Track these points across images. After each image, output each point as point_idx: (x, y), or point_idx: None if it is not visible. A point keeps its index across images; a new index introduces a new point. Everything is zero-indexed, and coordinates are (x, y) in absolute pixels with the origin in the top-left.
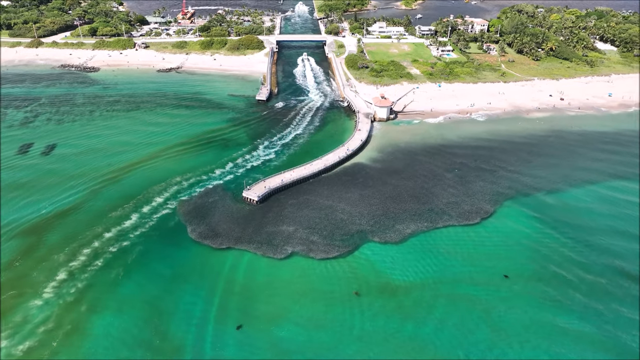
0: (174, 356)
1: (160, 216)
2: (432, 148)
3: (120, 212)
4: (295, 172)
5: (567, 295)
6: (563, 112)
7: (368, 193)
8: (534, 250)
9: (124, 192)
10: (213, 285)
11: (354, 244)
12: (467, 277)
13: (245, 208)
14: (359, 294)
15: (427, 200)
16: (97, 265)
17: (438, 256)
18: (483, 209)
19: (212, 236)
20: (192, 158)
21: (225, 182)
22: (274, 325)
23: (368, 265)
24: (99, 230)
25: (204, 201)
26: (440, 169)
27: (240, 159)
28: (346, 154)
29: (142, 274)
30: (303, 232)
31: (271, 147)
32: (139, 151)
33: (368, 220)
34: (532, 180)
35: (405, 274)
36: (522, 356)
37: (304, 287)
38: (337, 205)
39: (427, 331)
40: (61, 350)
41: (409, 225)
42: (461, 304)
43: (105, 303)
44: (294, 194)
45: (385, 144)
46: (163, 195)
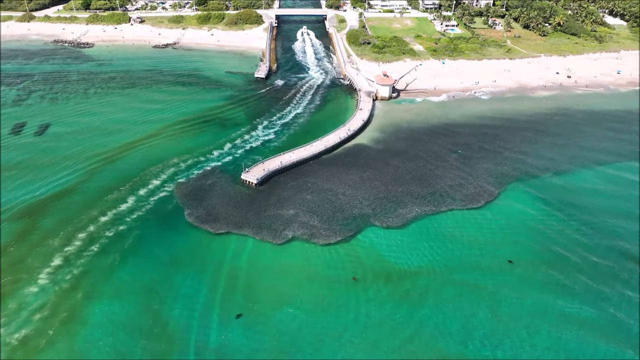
0: (171, 345)
1: (158, 199)
2: (435, 128)
3: (117, 195)
4: (295, 153)
5: (572, 279)
6: (570, 91)
7: (369, 175)
8: (539, 234)
9: (120, 174)
10: (212, 271)
11: (355, 229)
12: (470, 262)
13: (244, 191)
14: (357, 280)
15: (430, 182)
16: (93, 251)
17: (441, 241)
18: (487, 191)
19: (211, 220)
20: (189, 138)
21: (224, 163)
22: (274, 314)
23: (370, 251)
24: (95, 214)
25: (202, 183)
26: (444, 149)
27: (239, 140)
28: (347, 135)
29: (139, 260)
30: (303, 216)
31: (270, 127)
32: (135, 131)
33: (369, 203)
34: (538, 161)
35: (408, 260)
36: (525, 343)
37: (304, 273)
38: (337, 188)
39: (429, 319)
40: (58, 339)
41: (412, 209)
42: (464, 290)
43: (101, 289)
44: (293, 176)
45: (387, 124)
46: (160, 177)
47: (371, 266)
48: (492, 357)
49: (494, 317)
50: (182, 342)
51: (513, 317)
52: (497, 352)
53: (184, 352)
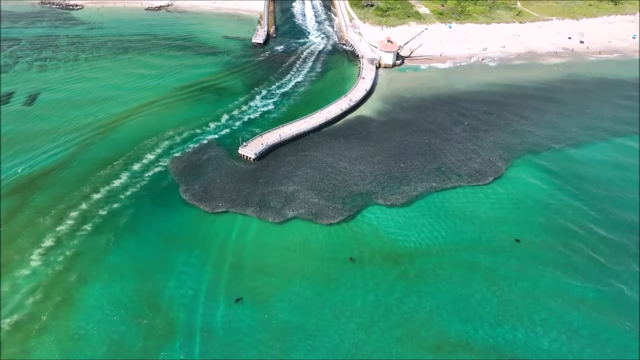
0: (169, 329)
1: (152, 175)
2: (441, 98)
3: (109, 170)
4: (294, 126)
5: (579, 257)
6: (582, 57)
7: (372, 150)
8: (547, 209)
9: (113, 147)
10: (209, 252)
11: (357, 207)
12: (476, 242)
13: (242, 166)
14: (354, 260)
15: (434, 157)
16: (86, 230)
17: (446, 219)
18: (494, 166)
19: (207, 198)
20: (184, 109)
21: (221, 136)
22: (273, 297)
23: (371, 231)
24: (87, 191)
25: (198, 158)
26: (449, 121)
27: (237, 111)
28: (349, 106)
29: (133, 240)
30: (303, 194)
31: (269, 97)
32: (128, 100)
33: (372, 180)
34: (547, 133)
35: (412, 240)
36: (528, 324)
37: (304, 254)
38: (338, 163)
39: (431, 304)
40: (51, 324)
41: (415, 186)
42: (469, 273)
43: (95, 272)
44: (293, 149)
45: (391, 94)
46: (155, 151)
47: (374, 247)
48: (495, 341)
49: (498, 299)
50: (181, 326)
51: (518, 299)
52: (501, 334)
53: (183, 337)
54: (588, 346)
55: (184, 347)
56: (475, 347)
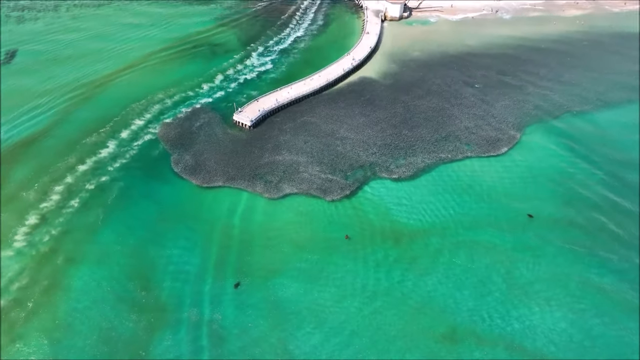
0: (164, 316)
1: (142, 144)
2: (450, 56)
3: (96, 138)
4: (293, 89)
5: (595, 239)
6: (605, 9)
7: (375, 116)
8: (563, 183)
9: (99, 112)
10: (203, 230)
11: (361, 181)
12: (487, 218)
13: (237, 134)
14: (349, 238)
15: (443, 124)
16: (73, 207)
17: (455, 194)
18: (507, 134)
19: (201, 171)
20: (175, 68)
21: (215, 100)
22: (271, 280)
23: (375, 207)
24: (72, 161)
25: (190, 125)
26: (459, 83)
27: (232, 70)
28: (352, 66)
29: (124, 217)
30: (302, 166)
31: (266, 55)
32: (114, 58)
33: (376, 150)
34: (564, 97)
35: (417, 217)
36: (538, 313)
37: (302, 233)
38: (340, 131)
39: (437, 289)
40: (38, 311)
41: (422, 158)
42: (478, 254)
43: (84, 253)
44: (291, 115)
45: (397, 52)
46: (144, 117)
47: (376, 225)
48: (503, 329)
49: (508, 284)
50: (175, 313)
51: (528, 284)
52: (509, 324)
53: (177, 324)
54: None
55: (178, 335)
56: (481, 336)
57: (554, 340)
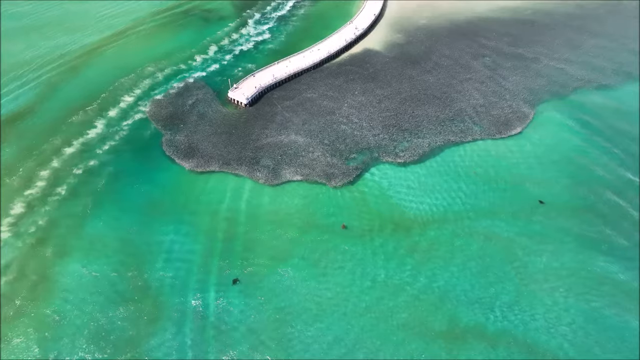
0: (157, 313)
1: (132, 124)
2: (460, 25)
3: (83, 117)
4: (291, 62)
5: (610, 228)
6: None
7: (379, 93)
8: (577, 167)
9: (85, 87)
10: (199, 219)
11: (363, 165)
12: (497, 205)
13: (233, 113)
14: (346, 228)
15: (451, 101)
16: (60, 194)
17: (464, 179)
18: (519, 113)
19: (195, 154)
20: (166, 37)
21: (209, 73)
22: (270, 276)
23: (379, 194)
24: (58, 143)
25: (182, 103)
26: (468, 55)
27: (226, 40)
28: (354, 36)
29: (114, 205)
30: (301, 149)
31: (264, 22)
32: (101, 26)
33: (379, 131)
34: (580, 72)
35: (423, 205)
36: (550, 312)
37: (304, 223)
38: (341, 109)
39: (445, 282)
40: (26, 309)
41: (429, 139)
42: (486, 244)
43: (73, 244)
44: (289, 92)
45: (402, 20)
46: (133, 92)
47: (383, 214)
48: (510, 324)
49: (519, 278)
50: (169, 310)
51: (540, 279)
52: (520, 324)
53: (172, 321)
54: (611, 339)
55: (173, 332)
56: (487, 333)
57: (567, 336)
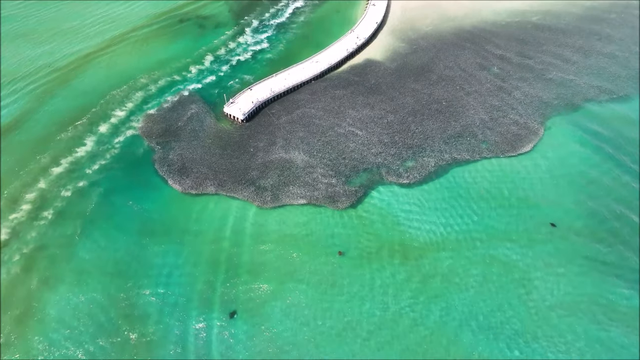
0: (150, 352)
1: (124, 141)
2: (465, 32)
3: (72, 133)
4: (290, 74)
5: (630, 252)
6: None
7: (381, 107)
8: (590, 186)
9: (75, 100)
10: (194, 246)
11: (365, 187)
12: (505, 229)
13: (228, 129)
14: (343, 254)
15: (457, 117)
16: (47, 218)
17: (470, 201)
18: (528, 128)
19: (189, 174)
20: (160, 46)
21: (205, 86)
22: (269, 307)
23: (383, 217)
24: (46, 162)
25: (177, 117)
26: (474, 65)
27: (223, 49)
28: (356, 46)
29: (104, 230)
30: (300, 168)
31: (262, 30)
32: (92, 34)
33: (382, 149)
34: (591, 82)
35: (430, 228)
36: (559, 343)
37: (303, 249)
38: (342, 125)
39: (450, 312)
40: (10, 345)
41: (434, 158)
42: (494, 271)
43: (60, 273)
44: (288, 106)
45: (406, 27)
46: (125, 106)
47: (386, 238)
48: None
49: (526, 307)
50: (162, 341)
51: (548, 308)
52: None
53: (165, 352)
54: None
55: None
56: None
57: None
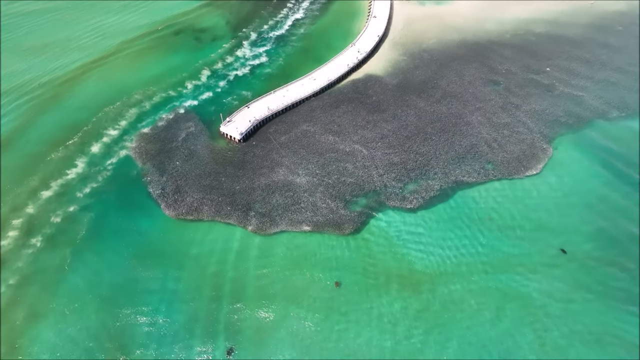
0: None
1: (116, 162)
2: (469, 46)
3: (63, 153)
4: (289, 91)
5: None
6: None
7: (384, 126)
8: (602, 208)
9: (65, 119)
10: (187, 277)
11: (368, 212)
12: (514, 256)
13: (225, 150)
14: (339, 285)
15: (462, 135)
16: (35, 246)
17: (477, 227)
18: (537, 148)
19: (184, 199)
20: (155, 60)
21: (201, 102)
22: (268, 342)
23: (386, 244)
24: (35, 184)
25: (172, 137)
26: (479, 81)
27: (220, 64)
28: (357, 60)
29: (95, 260)
30: (300, 192)
31: (261, 43)
32: (85, 48)
33: (384, 171)
34: (601, 98)
35: (434, 256)
36: None
37: (302, 279)
38: (342, 145)
39: (457, 350)
40: None
41: (437, 180)
42: (505, 302)
43: (48, 304)
44: (287, 124)
45: (408, 40)
46: (119, 124)
47: (390, 268)
48: None
49: (539, 344)
50: None
51: (563, 345)
52: None
53: None
54: None
55: None
56: None
57: None
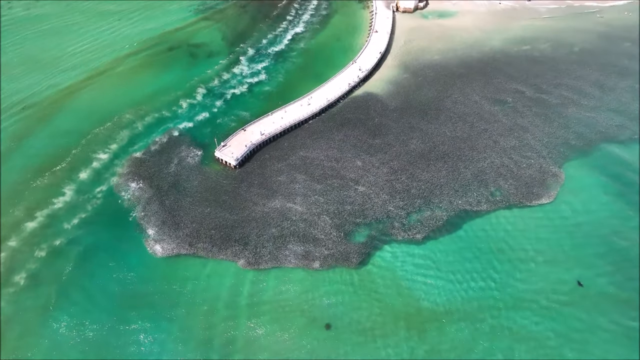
0: None
1: (106, 190)
2: (474, 63)
3: (49, 180)
4: (287, 112)
5: None
6: None
7: (386, 150)
8: (615, 237)
9: (53, 142)
10: (180, 315)
11: (370, 245)
12: (527, 292)
13: (220, 177)
14: (330, 327)
15: (468, 162)
16: (18, 285)
17: (486, 260)
18: (548, 173)
19: (177, 231)
20: (148, 78)
21: (196, 124)
22: None
23: (389, 279)
24: (19, 215)
25: (165, 162)
26: (485, 101)
27: (216, 81)
28: (358, 79)
29: (81, 299)
30: (297, 223)
31: (259, 59)
32: (76, 65)
33: (386, 199)
34: (613, 121)
35: (440, 293)
36: None
37: (302, 316)
38: (342, 170)
39: None
40: None
41: (443, 210)
42: (514, 344)
43: (29, 352)
44: (284, 149)
45: (410, 57)
46: (109, 147)
47: (395, 307)
48: None
49: None
50: None
51: None
52: None
53: None
54: None
55: None
56: None
57: None
